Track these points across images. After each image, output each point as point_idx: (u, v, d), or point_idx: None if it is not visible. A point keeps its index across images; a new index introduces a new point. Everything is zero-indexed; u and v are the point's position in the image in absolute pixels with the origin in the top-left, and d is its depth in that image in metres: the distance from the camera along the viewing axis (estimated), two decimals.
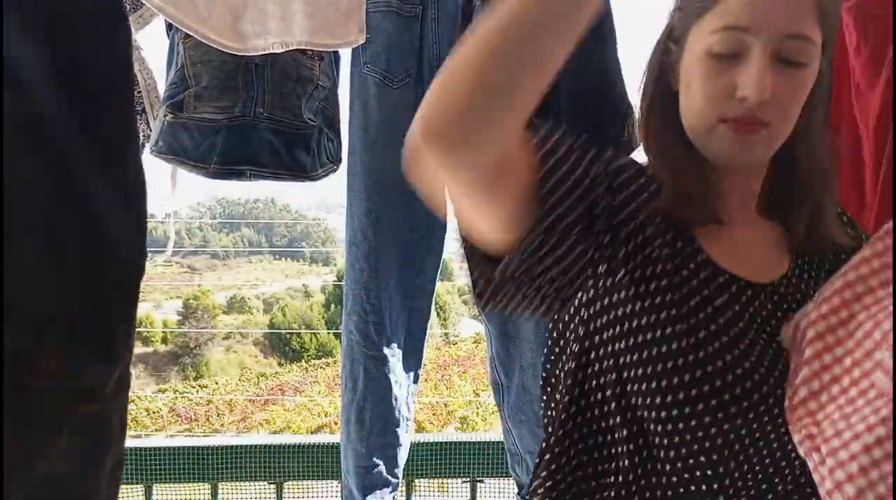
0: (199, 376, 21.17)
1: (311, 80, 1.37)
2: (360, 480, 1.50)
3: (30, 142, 0.63)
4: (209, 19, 1.19)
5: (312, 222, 38.36)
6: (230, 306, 26.49)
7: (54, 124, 0.64)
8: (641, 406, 0.70)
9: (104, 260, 0.69)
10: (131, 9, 1.36)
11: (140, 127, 1.44)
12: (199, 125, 1.30)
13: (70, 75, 0.65)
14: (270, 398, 18.19)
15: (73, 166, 0.66)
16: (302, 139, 1.37)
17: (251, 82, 1.32)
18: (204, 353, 22.13)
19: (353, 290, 1.48)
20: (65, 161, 0.65)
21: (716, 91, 0.68)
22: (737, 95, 0.67)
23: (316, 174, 1.41)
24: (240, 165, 1.33)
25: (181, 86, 1.30)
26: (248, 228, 36.38)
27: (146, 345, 22.71)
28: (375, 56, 1.42)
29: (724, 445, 0.68)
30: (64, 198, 0.66)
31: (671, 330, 0.69)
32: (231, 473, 1.73)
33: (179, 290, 27.00)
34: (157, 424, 17.37)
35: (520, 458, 1.55)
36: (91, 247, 0.68)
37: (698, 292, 0.70)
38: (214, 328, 22.82)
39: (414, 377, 1.56)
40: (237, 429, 16.36)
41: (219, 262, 33.56)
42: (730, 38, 0.66)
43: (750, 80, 0.65)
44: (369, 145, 1.44)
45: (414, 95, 1.44)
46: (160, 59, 1.38)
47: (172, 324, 23.61)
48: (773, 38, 0.65)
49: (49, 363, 0.65)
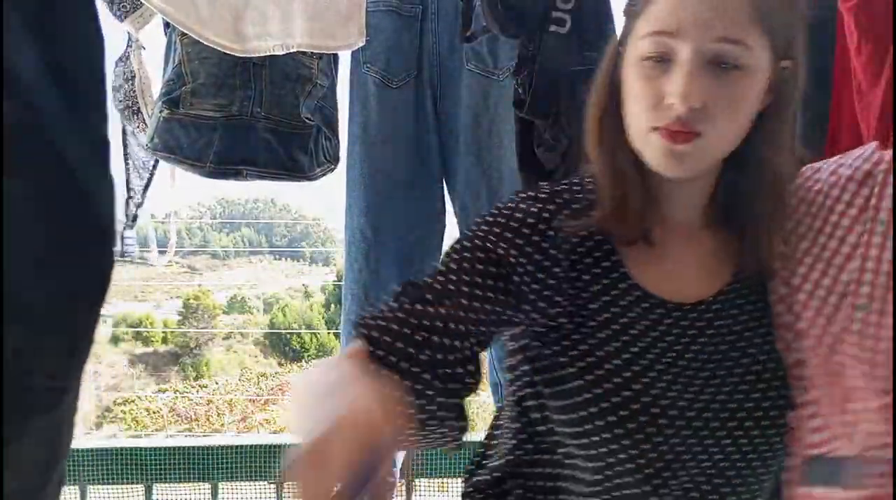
0: (199, 376, 21.16)
1: (310, 79, 1.37)
2: None
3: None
4: (209, 20, 1.18)
5: (312, 222, 38.32)
6: (230, 306, 26.45)
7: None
8: (560, 434, 0.71)
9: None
10: (131, 8, 1.36)
11: (137, 125, 1.44)
12: (195, 122, 1.30)
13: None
14: (271, 398, 18.18)
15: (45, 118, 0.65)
16: (300, 139, 1.37)
17: (249, 81, 1.31)
18: (204, 353, 22.11)
19: (352, 290, 1.48)
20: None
21: (647, 98, 0.65)
22: (664, 103, 0.64)
23: (314, 174, 1.40)
24: (237, 165, 1.33)
25: (178, 82, 1.30)
26: (248, 228, 36.33)
27: (146, 345, 22.70)
28: (375, 56, 1.41)
29: (639, 472, 0.68)
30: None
31: (588, 359, 0.69)
32: (231, 473, 1.73)
33: (179, 290, 26.97)
34: (157, 424, 17.38)
35: None
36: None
37: (621, 316, 0.69)
38: (214, 328, 22.80)
39: None
40: (237, 429, 16.37)
41: (219, 262, 33.52)
42: (658, 44, 0.64)
43: (676, 88, 0.62)
44: (369, 145, 1.44)
45: (414, 95, 1.44)
46: (157, 55, 1.37)
47: (172, 324, 23.58)
48: (702, 43, 0.62)
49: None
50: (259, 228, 37.02)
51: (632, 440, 0.67)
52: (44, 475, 0.69)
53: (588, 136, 0.73)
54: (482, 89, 1.41)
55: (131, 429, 16.79)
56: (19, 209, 0.63)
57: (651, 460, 0.68)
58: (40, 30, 0.65)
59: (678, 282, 0.72)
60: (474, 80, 1.41)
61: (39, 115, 0.65)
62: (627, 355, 0.69)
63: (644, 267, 0.72)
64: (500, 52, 1.39)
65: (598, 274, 0.71)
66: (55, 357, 0.68)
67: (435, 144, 1.48)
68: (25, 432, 0.65)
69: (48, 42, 0.65)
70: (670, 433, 0.68)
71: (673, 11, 0.63)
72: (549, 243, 0.69)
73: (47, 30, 0.65)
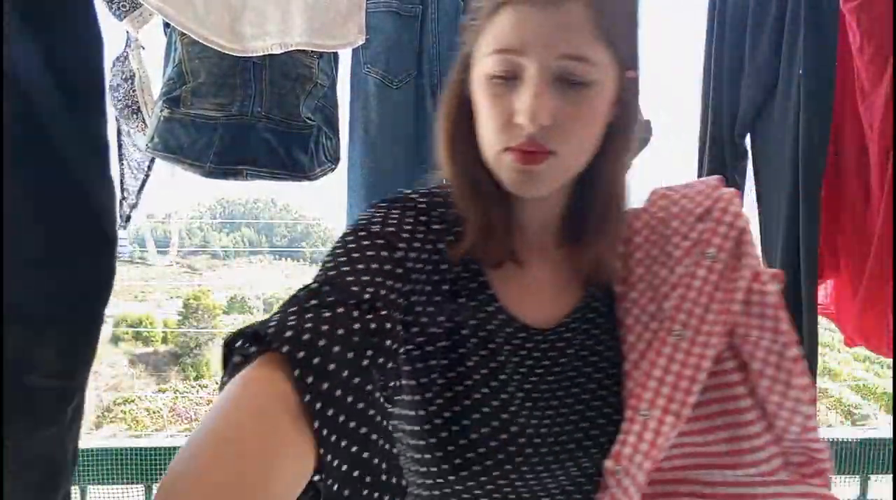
0: (199, 376, 21.18)
1: (310, 78, 1.37)
2: None
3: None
4: (207, 20, 1.18)
5: (312, 222, 38.41)
6: (230, 306, 26.49)
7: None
8: (410, 462, 0.68)
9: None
10: (130, 8, 1.36)
11: (136, 124, 1.44)
12: (195, 122, 1.29)
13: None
14: None
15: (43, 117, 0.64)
16: (300, 139, 1.37)
17: (249, 81, 1.31)
18: (204, 353, 22.13)
19: None
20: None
21: (497, 117, 0.63)
22: (514, 121, 0.61)
23: (314, 174, 1.40)
24: (237, 165, 1.32)
25: (178, 82, 1.30)
26: (248, 228, 36.40)
27: (146, 345, 22.72)
28: (375, 56, 1.41)
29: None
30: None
31: (456, 388, 0.67)
32: None
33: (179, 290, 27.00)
34: (158, 424, 17.40)
35: None
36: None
37: (489, 340, 0.68)
38: (214, 328, 22.82)
39: None
40: None
41: (219, 262, 33.58)
42: (503, 62, 0.61)
43: (524, 107, 0.60)
44: (369, 145, 1.44)
45: (414, 95, 1.44)
46: (157, 55, 1.37)
47: (172, 324, 23.61)
48: (546, 60, 0.59)
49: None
50: (259, 228, 37.10)
51: (492, 475, 0.65)
52: (48, 493, 0.68)
53: (441, 152, 0.70)
54: None
55: (131, 429, 16.81)
56: (19, 209, 0.63)
57: (515, 489, 0.67)
58: (41, 30, 0.65)
59: (538, 303, 0.72)
60: None
61: (39, 115, 0.65)
62: (495, 383, 0.67)
63: (509, 288, 0.70)
64: None
65: (468, 295, 0.69)
66: (56, 358, 0.68)
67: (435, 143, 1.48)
68: (26, 445, 0.64)
69: (48, 42, 0.65)
70: (535, 461, 0.67)
71: (515, 29, 0.60)
72: (439, 258, 0.67)
73: (47, 30, 0.65)
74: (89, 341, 0.71)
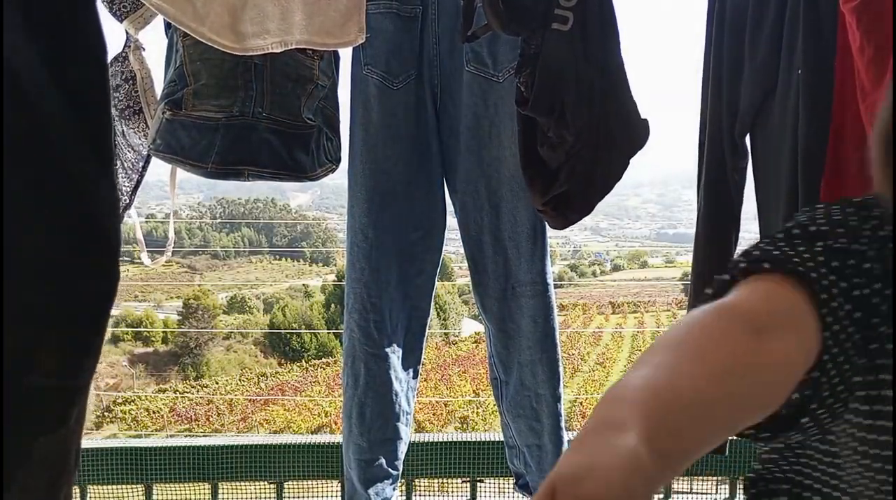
0: (199, 376, 21.19)
1: (311, 79, 1.37)
2: (361, 473, 1.52)
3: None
4: (207, 19, 1.18)
5: (312, 222, 38.38)
6: (230, 306, 26.50)
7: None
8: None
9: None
10: (131, 9, 1.36)
11: (137, 125, 1.44)
12: (197, 123, 1.30)
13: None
14: (270, 398, 18.20)
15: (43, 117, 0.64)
16: (301, 139, 1.37)
17: (250, 81, 1.31)
18: (204, 353, 22.14)
19: (354, 289, 1.49)
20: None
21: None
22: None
23: (315, 174, 1.40)
24: (238, 165, 1.33)
25: (180, 83, 1.30)
26: (248, 228, 36.38)
27: (146, 345, 22.73)
28: (376, 57, 1.42)
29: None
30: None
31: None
32: (231, 473, 1.73)
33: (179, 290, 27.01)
34: (157, 424, 17.40)
35: (517, 451, 1.57)
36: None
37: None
38: (214, 328, 22.83)
39: (413, 373, 1.58)
40: (237, 429, 16.39)
41: (219, 262, 33.56)
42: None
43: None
44: (370, 146, 1.44)
45: (414, 95, 1.44)
46: (159, 57, 1.37)
47: (173, 324, 23.62)
48: None
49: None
50: (259, 228, 37.07)
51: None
52: (50, 496, 0.68)
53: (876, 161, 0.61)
54: (482, 90, 1.41)
55: (131, 429, 16.82)
56: (19, 210, 0.63)
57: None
58: (42, 30, 0.65)
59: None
60: (474, 81, 1.41)
61: (40, 115, 0.65)
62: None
63: None
64: (500, 54, 1.39)
65: None
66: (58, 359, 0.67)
67: (435, 144, 1.48)
68: (28, 447, 0.64)
69: (50, 42, 0.65)
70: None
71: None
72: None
73: (49, 30, 0.65)
74: (93, 341, 0.70)
